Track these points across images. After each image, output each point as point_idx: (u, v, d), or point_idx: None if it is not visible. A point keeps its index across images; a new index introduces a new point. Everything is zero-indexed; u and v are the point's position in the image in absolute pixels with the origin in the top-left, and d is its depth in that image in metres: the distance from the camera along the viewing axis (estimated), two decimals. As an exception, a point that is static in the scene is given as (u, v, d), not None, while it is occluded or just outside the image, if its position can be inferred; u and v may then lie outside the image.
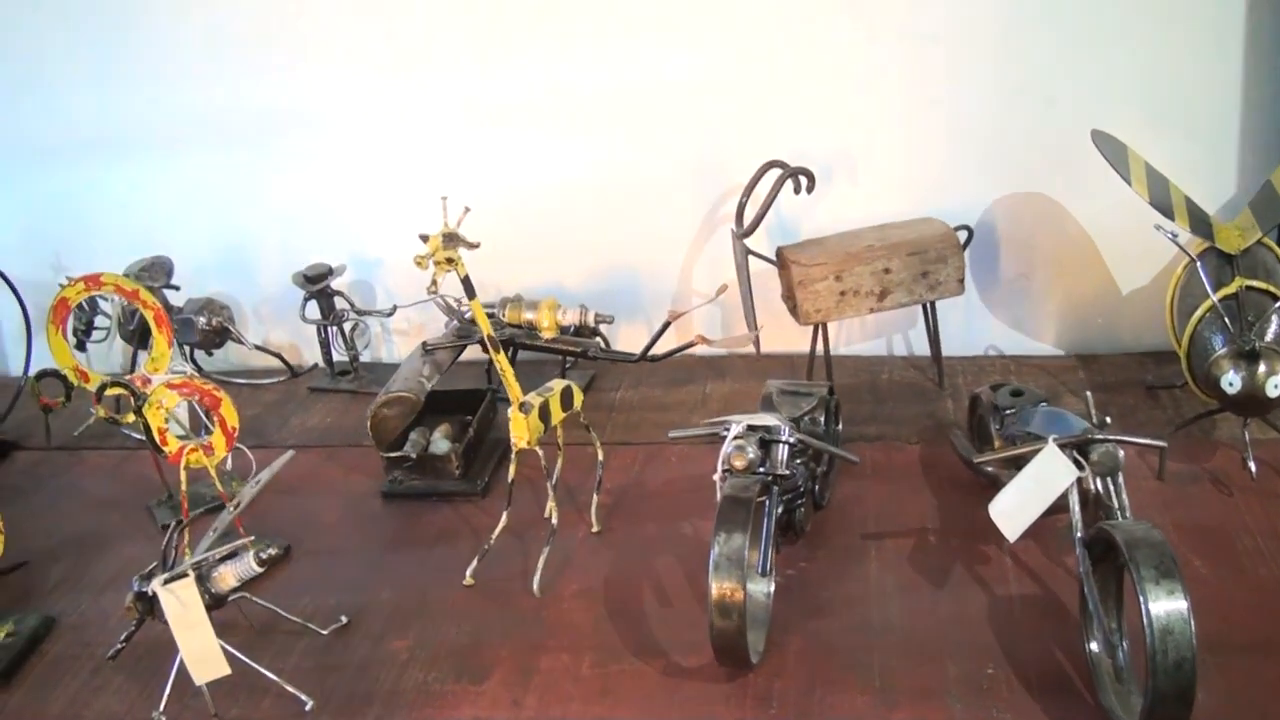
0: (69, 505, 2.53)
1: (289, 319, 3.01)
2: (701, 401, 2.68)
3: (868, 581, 2.03)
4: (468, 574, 2.09)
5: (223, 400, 2.14)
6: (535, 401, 2.04)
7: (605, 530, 2.22)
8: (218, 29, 2.82)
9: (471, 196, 2.77)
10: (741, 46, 2.65)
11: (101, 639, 2.07)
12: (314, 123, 2.87)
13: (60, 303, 2.30)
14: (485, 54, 2.74)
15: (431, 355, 2.46)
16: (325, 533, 2.29)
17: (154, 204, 3.03)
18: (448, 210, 1.93)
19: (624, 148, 2.76)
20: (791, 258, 2.52)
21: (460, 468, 2.36)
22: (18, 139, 3.04)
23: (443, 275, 1.93)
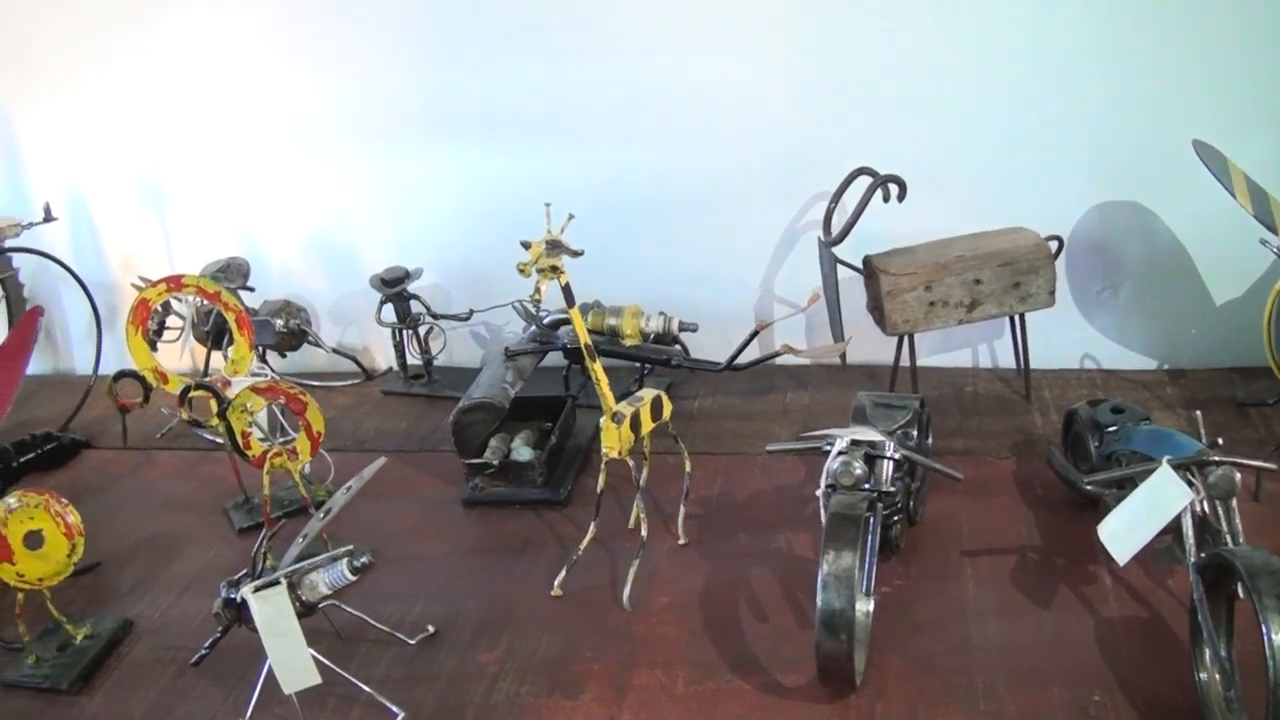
0: (142, 506, 2.51)
1: (361, 321, 2.99)
2: (783, 412, 2.64)
3: (965, 600, 1.98)
4: (556, 585, 2.05)
5: (308, 405, 2.10)
6: (627, 411, 2.00)
7: (692, 542, 2.18)
8: (297, 34, 2.82)
9: (556, 203, 2.79)
10: (826, 53, 2.61)
11: (181, 643, 2.05)
12: (389, 127, 2.86)
13: (141, 304, 2.27)
14: (569, 62, 2.71)
15: (514, 361, 2.42)
16: (407, 539, 2.26)
17: (225, 206, 3.02)
18: (551, 217, 1.89)
19: (707, 154, 2.72)
20: (880, 267, 2.47)
21: (543, 475, 2.32)
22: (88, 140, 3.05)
23: (546, 283, 1.89)
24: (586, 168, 2.76)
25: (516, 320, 2.75)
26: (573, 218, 1.92)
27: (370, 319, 2.86)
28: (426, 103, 2.81)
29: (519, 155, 2.80)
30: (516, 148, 2.80)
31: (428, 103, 2.81)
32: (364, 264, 2.94)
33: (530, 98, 2.75)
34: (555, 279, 1.89)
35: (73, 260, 2.96)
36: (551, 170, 2.78)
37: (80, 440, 2.49)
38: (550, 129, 2.76)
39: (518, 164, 2.80)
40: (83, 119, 3.02)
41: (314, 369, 3.02)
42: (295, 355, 2.89)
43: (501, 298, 2.77)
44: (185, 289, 2.27)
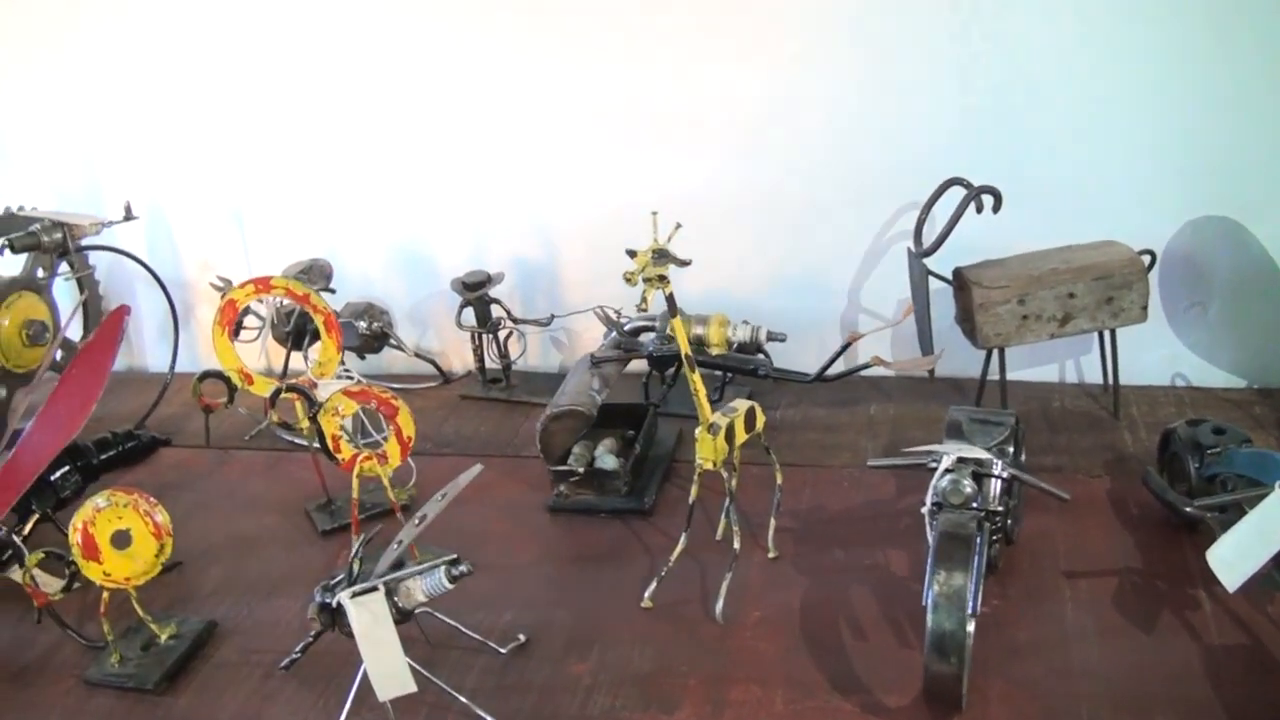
0: (222, 505, 2.51)
1: (439, 324, 2.98)
2: (868, 424, 2.60)
3: (1064, 622, 1.93)
4: (646, 596, 2.02)
5: (400, 409, 2.09)
6: (723, 423, 1.98)
7: (782, 556, 2.14)
8: (378, 35, 2.81)
9: (633, 208, 2.76)
10: (914, 61, 2.57)
11: (267, 645, 2.03)
12: (469, 131, 2.84)
13: (228, 304, 2.27)
14: (654, 69, 2.69)
15: (599, 369, 2.40)
16: (493, 545, 2.24)
17: (303, 205, 3.02)
18: (658, 226, 1.86)
19: (793, 161, 2.68)
20: (973, 279, 2.43)
21: (628, 484, 2.30)
22: (165, 137, 3.05)
23: (653, 292, 1.87)
24: (669, 173, 2.73)
25: (595, 326, 2.73)
26: (680, 227, 1.89)
27: (447, 322, 2.85)
28: (506, 106, 2.79)
29: (600, 160, 2.78)
30: (597, 153, 2.78)
31: (507, 106, 2.79)
32: (442, 267, 2.93)
33: (612, 103, 2.73)
34: (661, 288, 1.87)
35: (147, 258, 2.96)
36: (633, 175, 2.75)
37: (160, 439, 2.49)
38: (634, 134, 2.74)
39: (598, 169, 2.78)
40: (160, 115, 3.03)
41: (391, 371, 3.00)
42: (372, 357, 2.88)
43: (581, 303, 2.76)
44: (274, 290, 2.26)
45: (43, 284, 2.77)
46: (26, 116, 3.15)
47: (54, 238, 2.67)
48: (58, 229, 2.67)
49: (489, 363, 2.86)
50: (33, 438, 2.20)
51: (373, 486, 2.41)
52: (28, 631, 2.15)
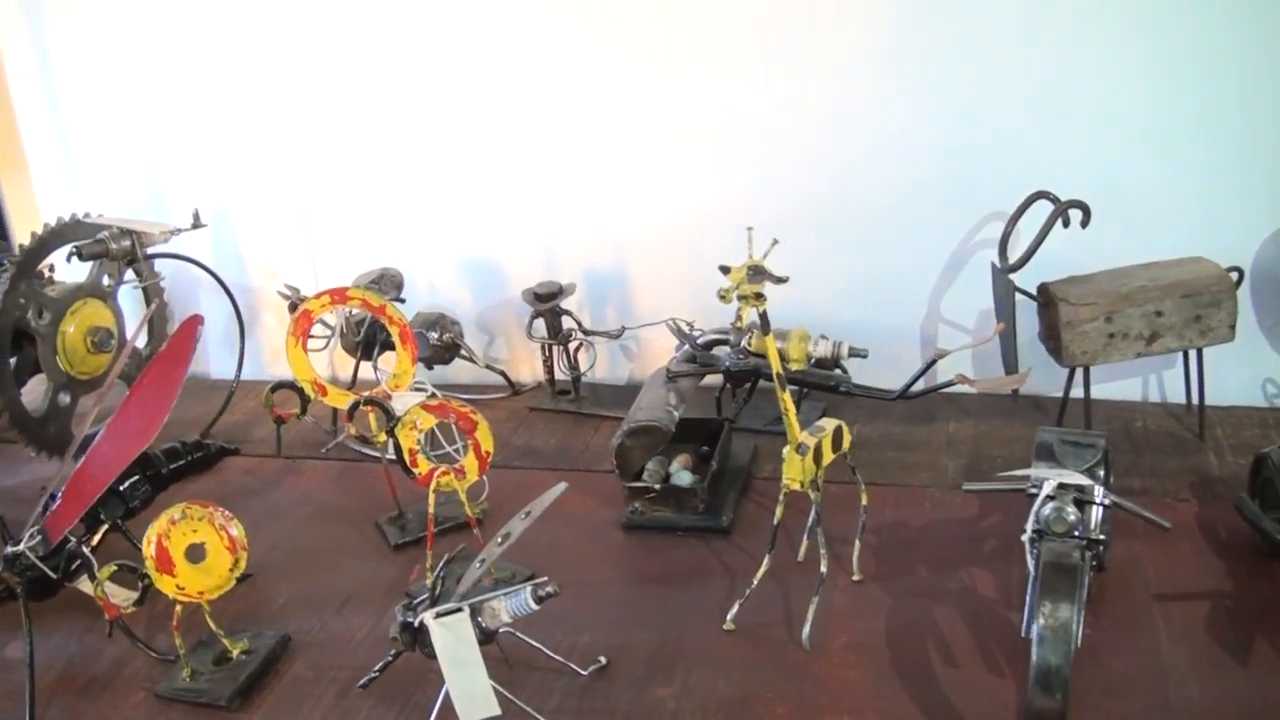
0: (291, 516, 2.48)
1: (507, 335, 2.95)
2: (947, 442, 2.54)
3: (1159, 655, 1.87)
4: (729, 618, 1.97)
5: (479, 424, 2.05)
6: (811, 443, 1.93)
7: (867, 579, 2.09)
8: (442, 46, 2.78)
9: (705, 219, 2.73)
10: (999, 72, 2.52)
11: (341, 661, 2.00)
12: (538, 141, 2.81)
13: (303, 315, 2.23)
14: (736, 83, 2.65)
15: (674, 383, 2.35)
16: (568, 563, 2.19)
17: (370, 214, 3.00)
18: (753, 241, 1.82)
19: (869, 171, 2.63)
20: (1059, 295, 2.37)
21: (704, 501, 2.25)
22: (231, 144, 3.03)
23: (748, 310, 1.82)
24: (743, 183, 2.69)
25: (665, 338, 2.69)
26: (777, 243, 1.85)
27: (515, 332, 2.82)
28: (577, 115, 2.76)
29: (672, 170, 2.74)
30: (669, 163, 2.74)
31: (578, 115, 2.76)
32: (510, 276, 2.90)
33: (687, 113, 2.69)
34: (756, 306, 1.82)
35: (211, 265, 2.94)
36: (706, 185, 2.72)
37: (229, 448, 2.46)
38: (707, 144, 2.70)
39: (670, 179, 2.74)
40: (225, 122, 3.01)
41: (457, 382, 2.97)
42: (437, 367, 2.85)
43: (650, 315, 2.72)
44: (350, 301, 2.23)
45: (108, 291, 2.75)
46: (92, 123, 3.15)
47: (122, 245, 2.65)
48: (126, 236, 2.65)
49: (558, 374, 2.82)
50: (102, 447, 2.17)
51: (444, 499, 2.38)
52: (95, 643, 2.12)
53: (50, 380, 2.67)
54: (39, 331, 2.61)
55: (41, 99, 3.21)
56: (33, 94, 3.21)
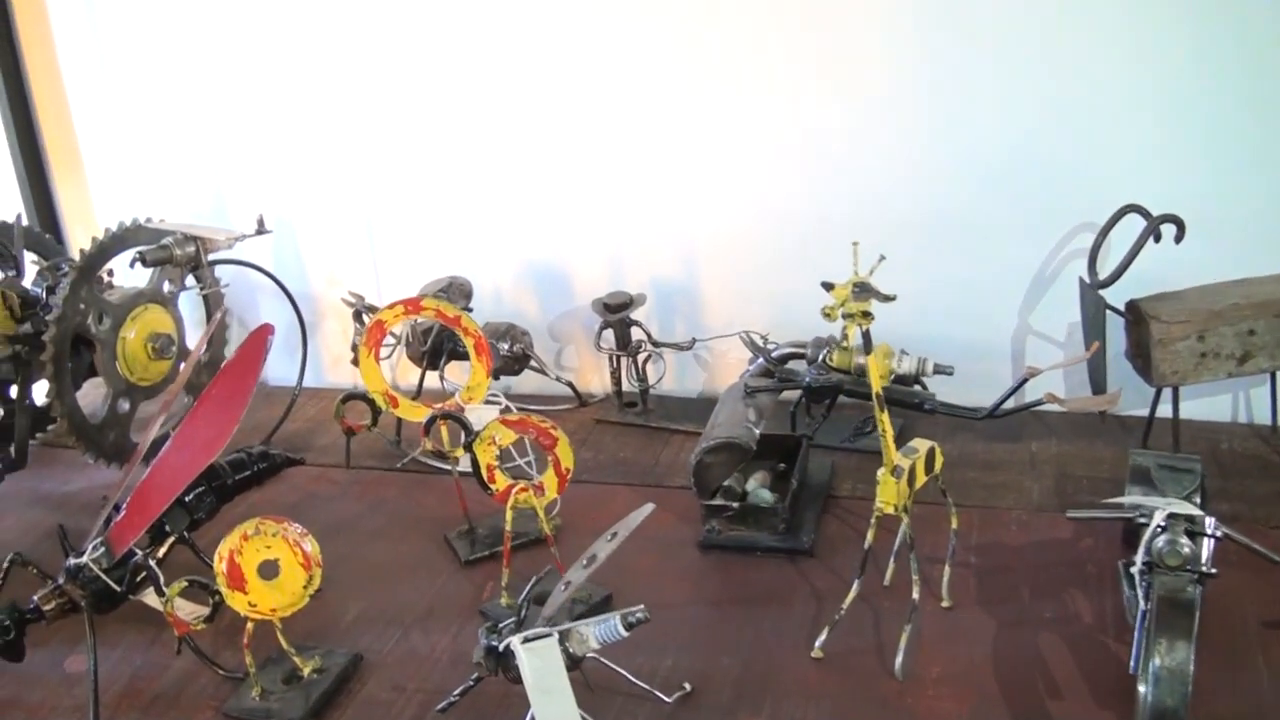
0: (357, 529, 2.42)
1: (575, 345, 2.90)
2: (1030, 463, 2.47)
3: (1261, 693, 1.78)
4: (817, 646, 1.91)
5: (559, 439, 2.00)
6: (906, 465, 1.86)
7: (957, 605, 2.02)
8: (520, 56, 2.72)
9: (781, 228, 2.66)
10: (1087, 77, 2.45)
11: (416, 682, 1.94)
12: (612, 144, 2.76)
13: (376, 325, 2.18)
14: (805, 80, 2.58)
15: (753, 398, 2.29)
16: (644, 583, 2.13)
17: (435, 221, 2.95)
18: (858, 256, 1.75)
19: (954, 181, 2.57)
20: (1150, 313, 2.29)
21: (785, 521, 2.19)
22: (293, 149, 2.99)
23: (854, 329, 1.76)
24: (819, 193, 2.63)
25: (736, 350, 2.63)
26: (884, 259, 1.78)
27: (582, 342, 2.76)
28: (648, 120, 2.71)
29: (747, 180, 2.68)
30: (744, 169, 2.67)
31: (649, 120, 2.71)
32: (576, 285, 2.85)
33: (764, 122, 2.63)
34: (863, 325, 1.75)
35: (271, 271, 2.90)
36: (781, 194, 2.65)
37: (294, 458, 2.41)
38: (783, 151, 2.64)
39: (745, 189, 2.68)
40: (286, 127, 2.98)
41: (520, 392, 2.92)
42: (502, 379, 2.80)
43: (721, 326, 2.66)
44: (424, 311, 2.18)
45: (169, 297, 2.71)
46: (150, 126, 3.12)
47: (186, 251, 2.61)
48: (190, 242, 2.60)
49: (626, 386, 2.77)
50: (169, 458, 2.13)
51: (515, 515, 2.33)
52: (159, 657, 2.08)
53: (109, 386, 2.63)
54: (99, 337, 2.57)
55: (98, 101, 3.18)
56: (90, 96, 3.19)
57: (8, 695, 2.04)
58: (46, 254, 2.90)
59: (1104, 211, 2.39)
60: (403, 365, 2.84)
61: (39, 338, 2.57)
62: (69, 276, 2.52)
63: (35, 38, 3.16)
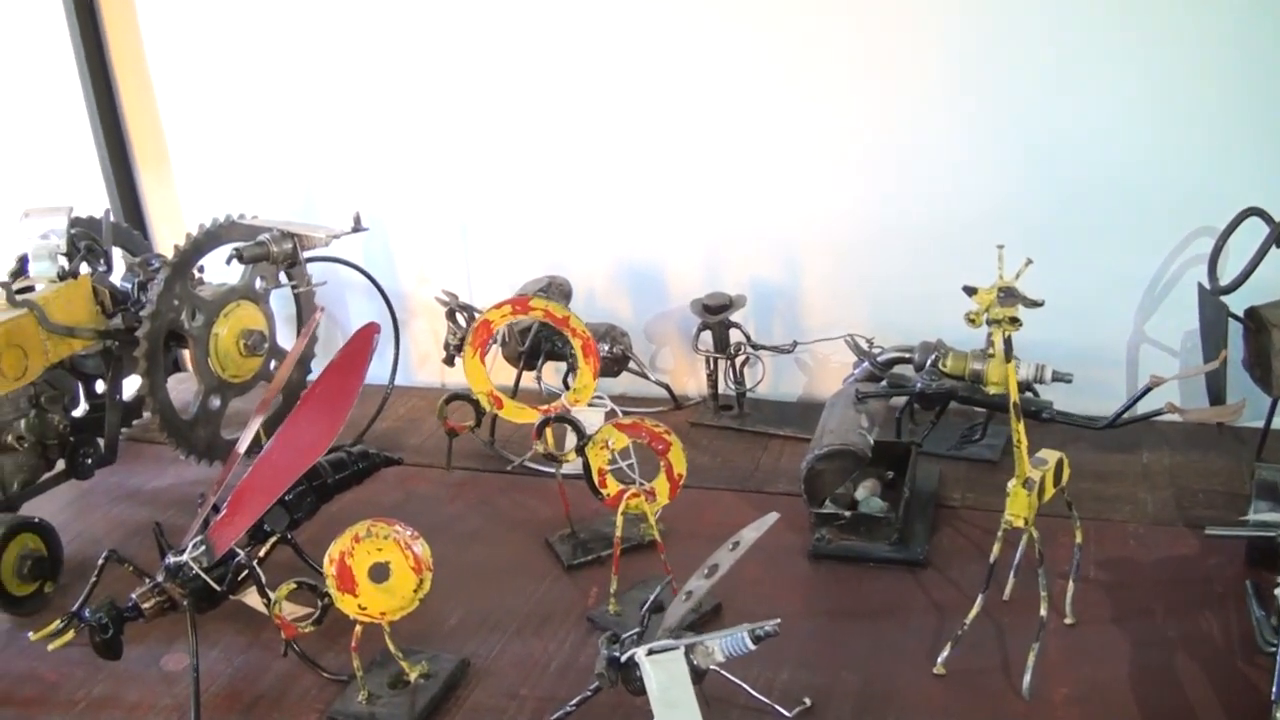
0: (455, 531, 2.39)
1: (671, 345, 2.86)
2: (1143, 474, 2.40)
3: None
4: (939, 662, 1.85)
5: (672, 445, 1.95)
6: (1038, 477, 1.80)
7: (1080, 622, 1.96)
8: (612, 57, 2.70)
9: (885, 229, 2.60)
10: (1204, 75, 2.38)
11: (525, 690, 1.90)
12: (709, 142, 2.71)
13: (482, 325, 2.15)
14: (912, 77, 2.53)
15: (864, 404, 2.24)
16: (753, 592, 2.08)
17: (529, 219, 2.92)
18: (1003, 260, 1.70)
19: (1069, 182, 2.50)
20: (1273, 320, 2.22)
21: (898, 531, 2.13)
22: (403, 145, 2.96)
23: (1000, 335, 1.70)
24: (925, 192, 2.58)
25: (837, 354, 2.58)
26: (1030, 262, 1.72)
27: (675, 344, 2.72)
28: (746, 117, 2.66)
29: (849, 178, 2.63)
30: (847, 168, 2.63)
31: (747, 117, 2.66)
32: (671, 286, 2.81)
33: (870, 119, 2.58)
34: (1010, 331, 1.70)
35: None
36: (885, 194, 2.61)
37: (394, 458, 2.38)
38: (886, 150, 2.59)
39: (848, 187, 2.63)
40: (380, 124, 2.96)
41: (611, 393, 2.86)
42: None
43: (820, 328, 2.61)
44: (532, 311, 2.14)
45: (261, 294, 2.70)
46: (239, 123, 3.11)
47: (283, 248, 2.58)
48: (287, 239, 2.58)
49: (722, 389, 2.72)
50: (272, 457, 2.10)
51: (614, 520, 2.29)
52: (257, 658, 2.06)
53: (201, 383, 2.62)
54: (192, 333, 2.56)
55: (185, 97, 3.18)
56: (177, 92, 3.18)
57: (104, 693, 2.02)
58: (133, 249, 2.90)
59: (1223, 215, 2.32)
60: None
61: (130, 333, 2.56)
62: (164, 272, 2.51)
63: (122, 33, 3.16)
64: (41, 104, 3.30)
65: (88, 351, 2.58)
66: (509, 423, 2.31)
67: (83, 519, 2.62)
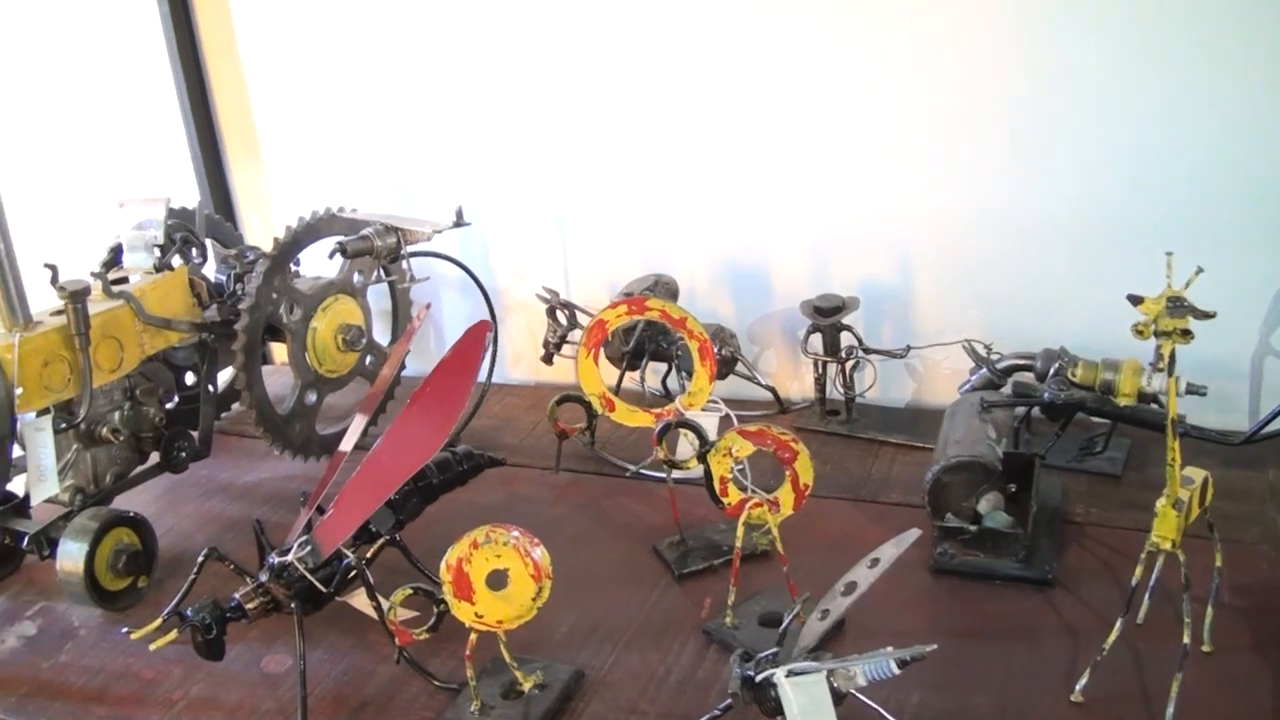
0: (560, 535, 2.32)
1: (774, 347, 2.79)
2: (1270, 491, 2.30)
3: None
4: (1077, 689, 1.78)
5: (800, 454, 1.89)
6: (1186, 497, 1.73)
7: (1218, 650, 1.87)
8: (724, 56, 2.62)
9: (1002, 229, 2.52)
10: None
11: (642, 704, 1.84)
12: (817, 138, 2.64)
13: (597, 325, 2.09)
14: (1030, 66, 2.44)
15: (989, 414, 2.16)
16: (874, 607, 1.97)
17: (627, 217, 2.87)
18: (1173, 268, 1.62)
19: (1188, 182, 2.41)
20: None
21: (1026, 547, 2.06)
22: (502, 139, 2.91)
23: (1170, 347, 1.63)
24: (1041, 196, 2.49)
25: (951, 359, 2.51)
26: (1201, 271, 1.65)
27: (780, 346, 2.65)
28: (856, 116, 2.59)
29: (966, 176, 2.54)
30: (965, 167, 2.54)
31: (858, 116, 2.59)
32: (776, 287, 2.75)
33: (986, 116, 2.49)
34: (1181, 343, 1.62)
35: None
36: (1001, 192, 2.52)
37: (497, 459, 2.34)
38: (1008, 147, 2.50)
39: (964, 186, 2.55)
40: (479, 117, 2.91)
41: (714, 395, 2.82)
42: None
43: (933, 333, 2.54)
44: (648, 312, 2.08)
45: (359, 288, 2.66)
46: (332, 116, 3.08)
47: (387, 243, 2.54)
48: (391, 234, 2.53)
49: (830, 393, 2.65)
50: (381, 457, 2.06)
51: (724, 526, 2.24)
52: (362, 661, 2.02)
53: (298, 378, 2.59)
54: (290, 327, 2.53)
55: (278, 90, 3.15)
56: (269, 84, 3.16)
57: (203, 693, 2.00)
58: (225, 241, 2.88)
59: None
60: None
61: (226, 325, 2.54)
62: (262, 264, 2.48)
63: (215, 21, 3.14)
64: (133, 93, 3.29)
65: (181, 344, 2.56)
66: (606, 424, 2.26)
67: (173, 513, 2.60)
